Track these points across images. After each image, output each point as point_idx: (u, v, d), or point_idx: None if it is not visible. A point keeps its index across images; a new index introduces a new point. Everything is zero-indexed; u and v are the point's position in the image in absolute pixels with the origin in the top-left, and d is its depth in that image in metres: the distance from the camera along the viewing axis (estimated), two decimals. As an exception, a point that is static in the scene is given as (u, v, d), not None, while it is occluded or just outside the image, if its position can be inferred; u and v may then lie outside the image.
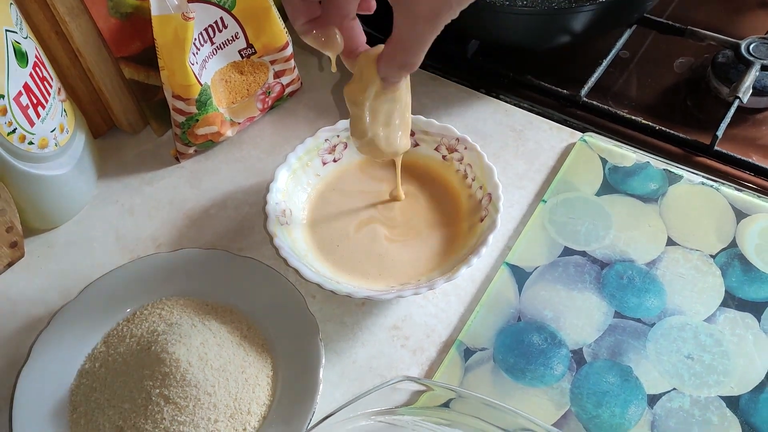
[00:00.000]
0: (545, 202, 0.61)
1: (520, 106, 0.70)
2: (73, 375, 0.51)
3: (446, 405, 0.46)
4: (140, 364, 0.49)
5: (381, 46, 0.44)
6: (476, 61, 0.74)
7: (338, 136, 0.62)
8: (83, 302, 0.54)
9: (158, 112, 0.67)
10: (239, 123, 0.67)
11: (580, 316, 0.54)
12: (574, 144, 0.65)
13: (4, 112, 0.51)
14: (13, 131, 0.53)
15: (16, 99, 0.52)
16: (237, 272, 0.55)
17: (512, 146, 0.66)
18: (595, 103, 0.69)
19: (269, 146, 0.68)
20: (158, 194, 0.64)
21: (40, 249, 0.61)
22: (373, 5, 0.47)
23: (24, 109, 0.53)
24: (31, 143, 0.54)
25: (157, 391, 0.47)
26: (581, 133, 0.66)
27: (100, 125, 0.67)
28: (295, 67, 0.69)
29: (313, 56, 0.75)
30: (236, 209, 0.63)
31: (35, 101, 0.54)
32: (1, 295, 0.58)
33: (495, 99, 0.71)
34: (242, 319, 0.53)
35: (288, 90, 0.70)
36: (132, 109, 0.67)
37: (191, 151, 0.66)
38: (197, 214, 0.63)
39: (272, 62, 0.67)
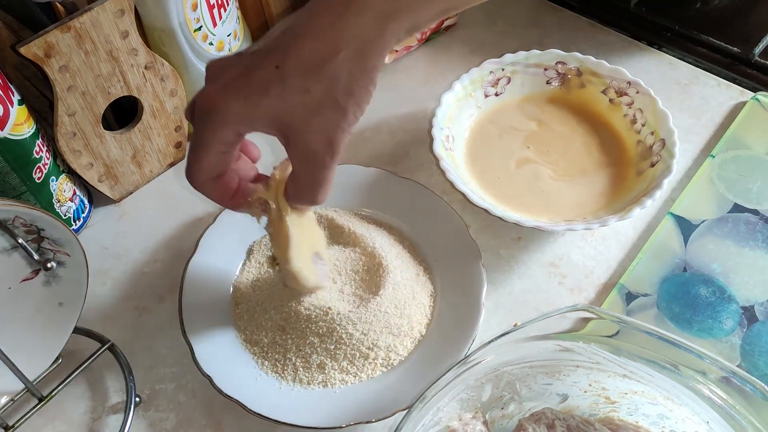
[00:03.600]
0: (713, 157, 0.59)
1: (684, 60, 0.67)
2: (235, 272, 0.52)
3: (611, 337, 0.45)
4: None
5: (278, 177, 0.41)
6: (639, 12, 0.71)
7: (503, 69, 0.60)
8: (246, 205, 0.55)
9: (317, 33, 0.67)
10: (396, 51, 0.67)
11: (752, 273, 0.52)
12: (744, 102, 0.62)
13: (195, 6, 0.52)
14: (199, 28, 0.53)
15: (206, -4, 0.53)
16: (398, 192, 0.55)
17: (677, 99, 0.64)
18: (769, 63, 0.65)
19: (423, 78, 0.67)
20: (312, 113, 0.65)
21: (200, 153, 0.62)
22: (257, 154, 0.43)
23: (210, 8, 0.53)
24: (211, 44, 0.55)
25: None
26: (752, 92, 0.63)
27: (259, 41, 0.68)
28: None
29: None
30: (391, 134, 0.63)
31: (220, 2, 0.54)
32: (164, 192, 0.60)
33: (657, 51, 0.68)
34: (404, 237, 0.53)
35: (446, 23, 0.69)
36: (292, 27, 0.67)
37: (347, 74, 0.66)
38: (352, 135, 0.62)
39: (436, -8, 0.66)
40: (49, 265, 0.41)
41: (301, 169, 0.38)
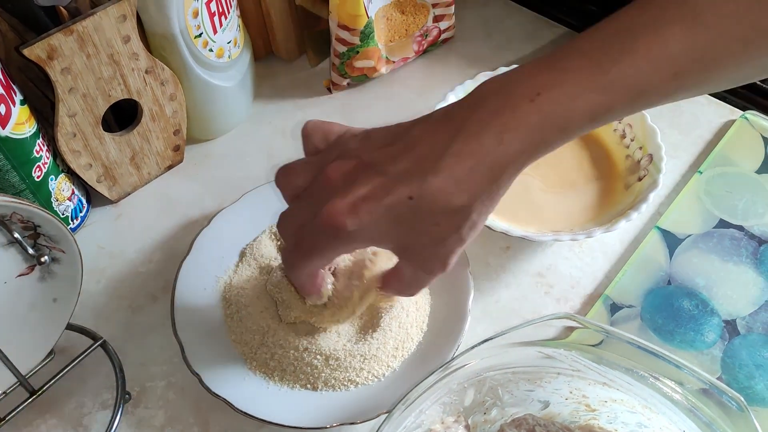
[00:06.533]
0: (701, 173, 0.60)
1: (676, 78, 0.68)
2: (228, 274, 0.53)
3: (594, 346, 0.46)
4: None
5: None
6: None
7: (497, 82, 0.62)
8: (241, 208, 0.55)
9: (316, 42, 0.69)
10: (394, 62, 0.68)
11: (734, 288, 0.53)
12: (733, 121, 0.64)
13: (196, 14, 0.53)
14: (200, 35, 0.55)
15: (207, 4, 0.54)
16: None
17: (667, 116, 0.65)
18: (758, 82, 0.66)
19: (419, 89, 0.68)
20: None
21: (198, 157, 0.63)
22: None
23: (211, 16, 0.55)
24: (210, 50, 0.56)
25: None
26: (741, 111, 0.64)
27: (260, 49, 0.69)
28: (454, 14, 0.69)
29: (466, 8, 0.75)
30: (385, 143, 0.64)
31: (220, 10, 0.56)
32: (161, 194, 0.61)
33: (650, 68, 0.70)
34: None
35: (443, 36, 0.70)
36: (292, 36, 0.68)
37: (345, 83, 0.67)
38: (347, 143, 0.64)
39: (434, 5, 0.67)
40: (42, 259, 0.42)
41: (412, 275, 0.39)
